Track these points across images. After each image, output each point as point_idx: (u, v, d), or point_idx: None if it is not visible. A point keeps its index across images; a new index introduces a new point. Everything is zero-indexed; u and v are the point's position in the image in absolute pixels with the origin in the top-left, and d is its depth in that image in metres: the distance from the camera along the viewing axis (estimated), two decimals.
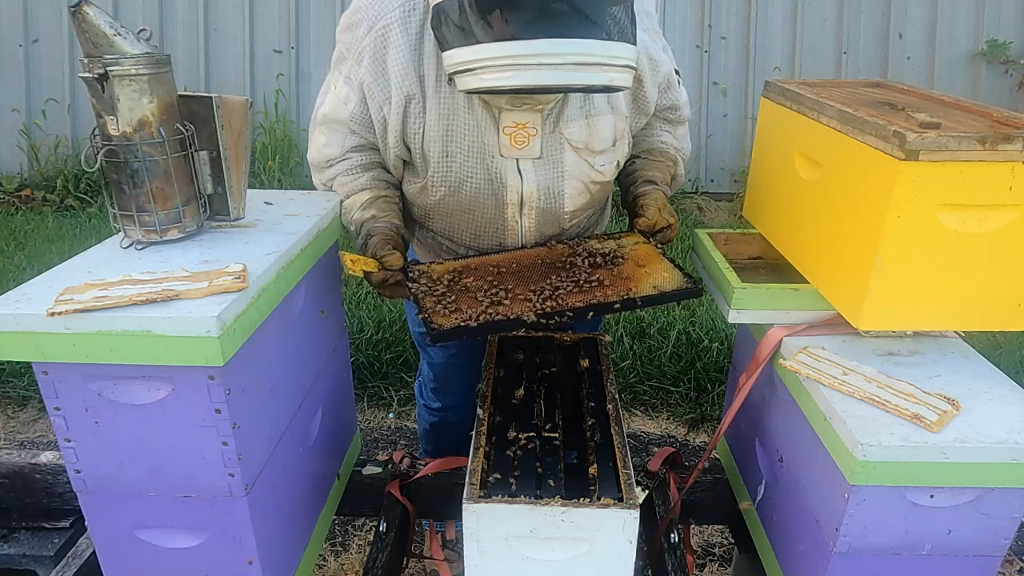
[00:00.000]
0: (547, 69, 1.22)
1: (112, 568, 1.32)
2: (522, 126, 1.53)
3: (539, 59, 1.22)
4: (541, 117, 1.54)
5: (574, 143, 1.58)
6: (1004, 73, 5.76)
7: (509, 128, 1.53)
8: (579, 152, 1.60)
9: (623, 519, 1.16)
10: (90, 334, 1.09)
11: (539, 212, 1.65)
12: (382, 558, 1.57)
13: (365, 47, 1.53)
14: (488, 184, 1.61)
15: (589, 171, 1.63)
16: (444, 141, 1.56)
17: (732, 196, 5.84)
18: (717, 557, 2.50)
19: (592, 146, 1.60)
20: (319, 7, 5.82)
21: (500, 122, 1.53)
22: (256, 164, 5.44)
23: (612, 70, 1.28)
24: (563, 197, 1.64)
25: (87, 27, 1.22)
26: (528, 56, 1.22)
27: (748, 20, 5.85)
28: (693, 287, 1.48)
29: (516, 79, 1.23)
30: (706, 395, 3.28)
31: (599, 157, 1.62)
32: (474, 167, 1.58)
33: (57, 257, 3.90)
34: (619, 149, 1.66)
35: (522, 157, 1.57)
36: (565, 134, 1.57)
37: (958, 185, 1.19)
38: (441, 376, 2.11)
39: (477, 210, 1.66)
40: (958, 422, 1.18)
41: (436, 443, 2.28)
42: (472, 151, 1.56)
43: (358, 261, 1.51)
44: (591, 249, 1.63)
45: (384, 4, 1.51)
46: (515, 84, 1.24)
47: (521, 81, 1.24)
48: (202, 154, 1.40)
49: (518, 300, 1.46)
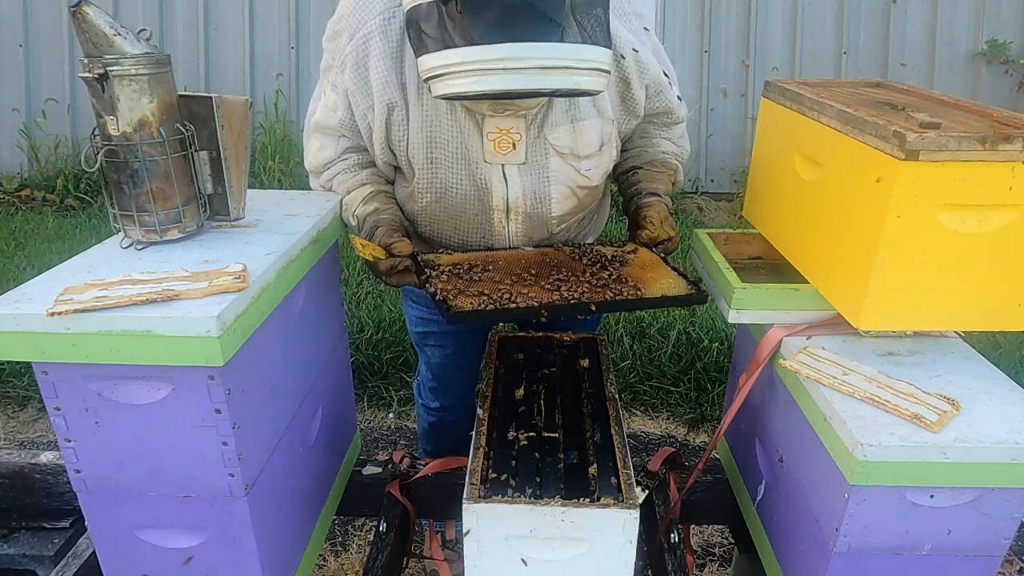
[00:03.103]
0: (511, 74, 1.21)
1: (112, 568, 1.32)
2: (505, 132, 1.53)
3: (503, 63, 1.21)
4: (525, 123, 1.54)
5: (559, 148, 1.58)
6: (1004, 73, 5.77)
7: (492, 134, 1.53)
8: (564, 157, 1.59)
9: (623, 519, 1.16)
10: (90, 334, 1.09)
11: (526, 217, 1.65)
12: (382, 558, 1.57)
13: (347, 55, 1.53)
14: (474, 190, 1.61)
15: (575, 176, 1.63)
16: (428, 148, 1.56)
17: (732, 196, 5.84)
18: (717, 557, 2.50)
19: (577, 151, 1.59)
20: (319, 7, 5.82)
21: (483, 128, 1.53)
22: (256, 164, 5.44)
23: (579, 73, 1.26)
24: (550, 202, 1.64)
25: (87, 27, 1.22)
26: (491, 61, 1.21)
27: (748, 20, 5.85)
28: (698, 294, 1.48)
29: (480, 84, 1.23)
30: (706, 395, 3.28)
31: (585, 162, 1.62)
32: (459, 173, 1.58)
33: (57, 257, 3.90)
34: (606, 153, 1.65)
35: (507, 163, 1.57)
36: (550, 140, 1.56)
37: (958, 185, 1.19)
38: (439, 376, 2.11)
39: (463, 216, 1.66)
40: (958, 422, 1.18)
41: (435, 443, 2.29)
42: (456, 157, 1.56)
43: (367, 246, 1.52)
44: (597, 253, 1.63)
45: (365, 12, 1.51)
46: (479, 89, 1.24)
47: (485, 87, 1.23)
48: (202, 154, 1.40)
49: (535, 288, 1.46)
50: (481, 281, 1.49)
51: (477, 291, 1.43)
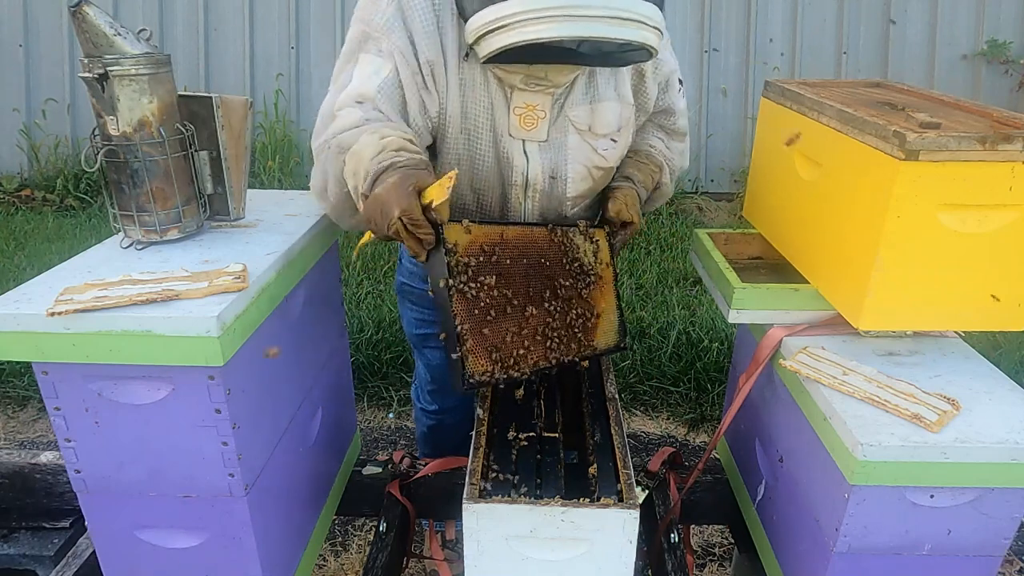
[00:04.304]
0: (588, 21, 1.22)
1: (112, 568, 1.32)
2: (532, 107, 1.54)
3: (582, 10, 1.22)
4: (551, 100, 1.55)
5: (578, 125, 1.59)
6: (1004, 73, 5.76)
7: (519, 109, 1.54)
8: (583, 135, 1.60)
9: (623, 519, 1.16)
10: (90, 334, 1.09)
11: (543, 195, 1.65)
12: (382, 558, 1.57)
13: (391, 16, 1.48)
14: (496, 164, 1.60)
15: (592, 155, 1.63)
16: (462, 117, 1.55)
17: (732, 196, 5.84)
18: (717, 557, 2.50)
19: (595, 129, 1.60)
20: (319, 7, 5.82)
21: (511, 102, 1.54)
22: (256, 164, 5.44)
23: (647, 29, 1.28)
24: (566, 181, 1.64)
25: (87, 27, 1.22)
26: (570, 7, 1.21)
27: (748, 20, 5.85)
28: (623, 346, 1.62)
29: (558, 31, 1.22)
30: (706, 395, 3.27)
31: (602, 140, 1.62)
32: (487, 146, 1.58)
33: (57, 257, 3.90)
34: (623, 135, 1.66)
35: (528, 139, 1.58)
36: (570, 116, 1.58)
37: (958, 185, 1.19)
38: (439, 378, 2.10)
39: (485, 191, 1.65)
40: (958, 422, 1.18)
41: (434, 446, 2.27)
42: (486, 128, 1.56)
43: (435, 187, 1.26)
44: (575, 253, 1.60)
45: None
46: (556, 36, 1.23)
47: (563, 32, 1.23)
48: (202, 154, 1.40)
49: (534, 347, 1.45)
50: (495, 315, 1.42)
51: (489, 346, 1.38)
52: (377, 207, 1.27)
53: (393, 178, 1.27)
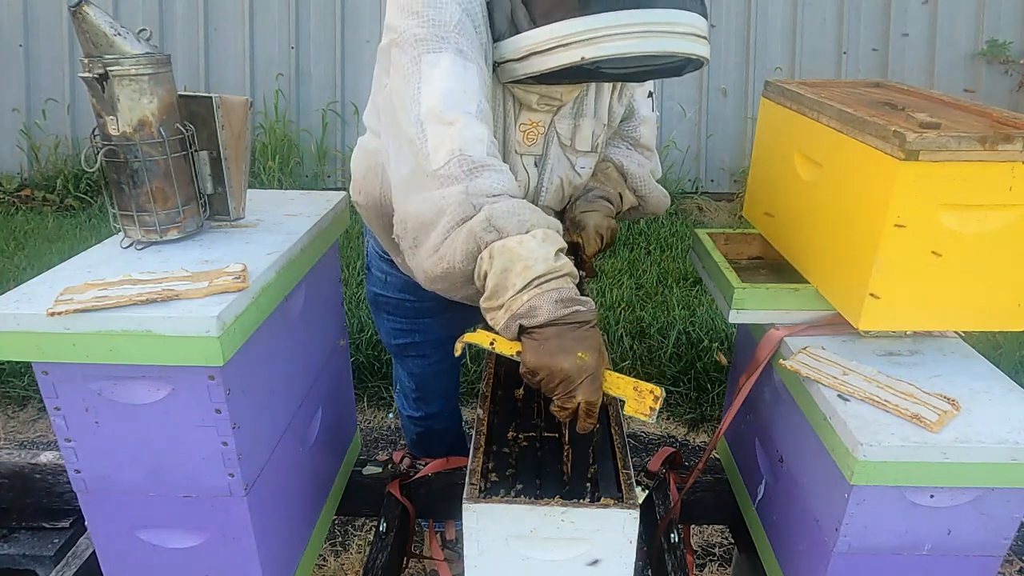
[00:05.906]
0: (674, 38, 1.25)
1: (112, 568, 1.32)
2: (535, 124, 1.54)
3: (671, 27, 1.24)
4: (550, 117, 1.55)
5: (562, 139, 1.59)
6: (1004, 73, 5.76)
7: (524, 125, 1.54)
8: (564, 148, 1.60)
9: (623, 519, 1.15)
10: (90, 334, 1.09)
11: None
12: (382, 558, 1.57)
13: (460, 16, 1.33)
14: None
15: (569, 171, 1.63)
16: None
17: (732, 196, 5.83)
18: (717, 557, 2.50)
19: (576, 144, 1.60)
20: (319, 7, 5.82)
21: (518, 119, 1.54)
22: (256, 164, 5.43)
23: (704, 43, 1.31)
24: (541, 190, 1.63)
25: (87, 27, 1.22)
26: (656, 24, 1.24)
27: (748, 20, 5.85)
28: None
29: (645, 46, 1.24)
30: (706, 395, 3.27)
31: (581, 158, 1.62)
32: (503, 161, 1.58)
33: (57, 257, 3.90)
34: (597, 154, 1.66)
35: (527, 154, 1.58)
36: (557, 129, 1.58)
37: (958, 185, 1.19)
38: (423, 385, 2.05)
39: None
40: (958, 422, 1.18)
41: (426, 453, 2.23)
42: (501, 142, 1.56)
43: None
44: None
45: None
46: (645, 51, 1.25)
47: (651, 48, 1.24)
48: (202, 154, 1.40)
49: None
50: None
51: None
52: (557, 371, 1.12)
53: (581, 348, 1.12)
